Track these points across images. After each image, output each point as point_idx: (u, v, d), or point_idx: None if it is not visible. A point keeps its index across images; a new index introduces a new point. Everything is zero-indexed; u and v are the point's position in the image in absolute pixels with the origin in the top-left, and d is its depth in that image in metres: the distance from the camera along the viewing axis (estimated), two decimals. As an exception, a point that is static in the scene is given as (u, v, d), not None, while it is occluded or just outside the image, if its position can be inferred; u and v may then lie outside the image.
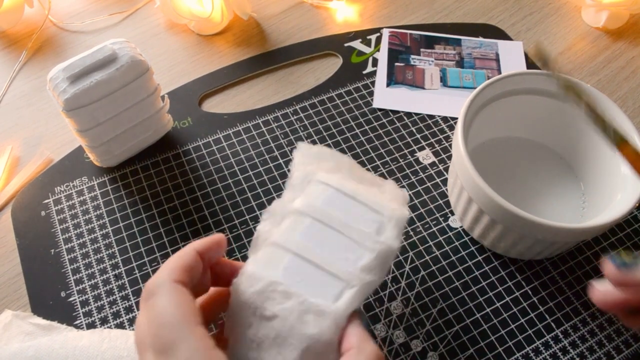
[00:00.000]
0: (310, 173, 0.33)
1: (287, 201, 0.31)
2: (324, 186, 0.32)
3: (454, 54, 0.53)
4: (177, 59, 0.53)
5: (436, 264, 0.40)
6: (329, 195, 0.31)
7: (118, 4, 0.58)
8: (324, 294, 0.28)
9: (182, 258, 0.27)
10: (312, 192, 0.32)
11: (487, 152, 0.44)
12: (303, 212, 0.30)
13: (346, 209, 0.31)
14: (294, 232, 0.30)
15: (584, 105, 0.30)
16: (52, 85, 0.38)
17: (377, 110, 0.49)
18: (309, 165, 0.33)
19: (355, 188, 0.32)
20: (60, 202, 0.43)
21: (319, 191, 0.31)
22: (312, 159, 0.34)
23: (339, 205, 0.31)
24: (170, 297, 0.25)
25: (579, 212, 0.41)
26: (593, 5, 0.56)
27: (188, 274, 0.27)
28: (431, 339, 0.37)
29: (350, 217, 0.30)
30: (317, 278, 0.28)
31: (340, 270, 0.28)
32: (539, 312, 0.38)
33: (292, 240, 0.30)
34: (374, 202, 0.31)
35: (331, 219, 0.30)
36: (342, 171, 0.33)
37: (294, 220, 0.30)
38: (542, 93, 0.41)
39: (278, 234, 0.30)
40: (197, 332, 0.24)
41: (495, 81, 0.39)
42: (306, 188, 0.32)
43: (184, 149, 0.46)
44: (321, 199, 0.31)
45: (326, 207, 0.31)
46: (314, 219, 0.30)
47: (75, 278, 0.39)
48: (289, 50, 0.53)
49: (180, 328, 0.24)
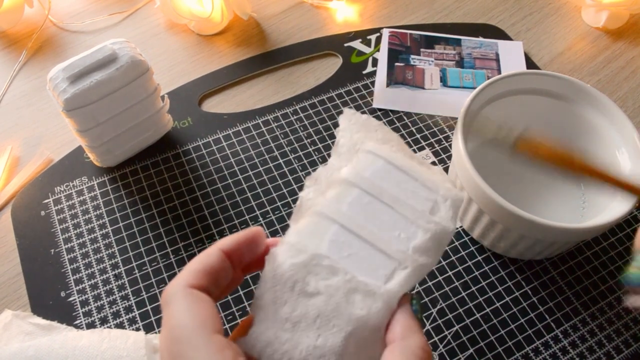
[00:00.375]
0: (358, 141, 0.30)
1: (333, 169, 0.29)
2: (374, 156, 0.29)
3: (454, 54, 0.53)
4: (177, 59, 0.53)
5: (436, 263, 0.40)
6: (379, 167, 0.29)
7: (118, 4, 0.58)
8: (374, 273, 0.25)
9: (204, 260, 0.25)
10: (361, 161, 0.29)
11: (487, 152, 0.44)
12: (351, 181, 0.28)
13: (397, 183, 0.28)
14: (341, 202, 0.27)
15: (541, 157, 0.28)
16: (52, 85, 0.38)
17: (377, 110, 0.49)
18: (355, 133, 0.31)
19: (407, 162, 0.29)
20: (60, 202, 0.43)
21: (368, 161, 0.29)
22: (359, 127, 0.31)
23: (390, 179, 0.28)
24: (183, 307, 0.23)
25: (579, 212, 0.41)
26: (593, 5, 0.56)
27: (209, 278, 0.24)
28: (431, 339, 0.37)
29: (402, 192, 0.28)
30: (366, 254, 0.26)
31: (392, 249, 0.26)
32: (539, 312, 0.38)
33: (338, 210, 0.27)
34: (427, 179, 0.29)
35: (381, 192, 0.28)
36: (393, 143, 0.31)
37: (340, 190, 0.28)
38: (542, 93, 0.41)
39: (323, 204, 0.27)
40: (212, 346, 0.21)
41: (495, 81, 0.39)
42: (354, 157, 0.29)
43: (184, 149, 0.46)
44: (370, 170, 0.28)
45: (376, 179, 0.28)
46: (362, 190, 0.28)
47: (75, 278, 0.39)
48: (289, 50, 0.53)
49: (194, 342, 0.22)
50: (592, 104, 0.40)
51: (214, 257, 0.25)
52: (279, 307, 0.25)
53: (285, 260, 0.25)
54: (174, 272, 0.39)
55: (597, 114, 0.40)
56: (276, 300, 0.25)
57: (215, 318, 0.23)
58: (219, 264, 0.25)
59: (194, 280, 0.24)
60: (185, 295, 0.23)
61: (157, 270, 0.39)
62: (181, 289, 0.23)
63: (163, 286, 0.39)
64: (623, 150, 0.38)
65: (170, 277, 0.39)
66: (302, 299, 0.25)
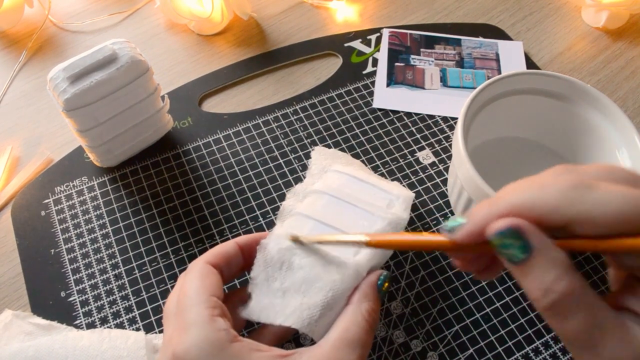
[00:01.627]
0: (326, 165, 0.38)
1: (308, 184, 0.36)
2: (340, 174, 0.37)
3: (454, 54, 0.53)
4: (177, 59, 0.53)
5: (436, 264, 0.40)
6: (344, 180, 0.36)
7: (118, 4, 0.58)
8: (345, 250, 0.32)
9: (222, 247, 0.32)
10: (329, 177, 0.37)
11: (487, 152, 0.44)
12: (322, 191, 0.35)
13: (359, 189, 0.36)
14: (316, 205, 0.35)
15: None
16: (52, 85, 0.38)
17: (377, 110, 0.49)
18: (324, 160, 0.39)
19: (367, 176, 0.37)
20: (60, 202, 0.43)
21: (335, 177, 0.37)
22: (328, 156, 0.39)
23: (353, 187, 0.36)
24: (197, 274, 0.29)
25: (579, 212, 0.41)
26: (593, 5, 0.56)
27: (224, 260, 0.31)
28: (431, 339, 0.37)
29: (364, 195, 0.35)
30: None
31: (357, 232, 0.32)
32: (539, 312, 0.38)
33: (314, 210, 0.34)
34: (384, 186, 0.36)
35: (347, 196, 0.35)
36: (354, 166, 0.39)
37: (314, 197, 0.35)
38: (542, 93, 0.41)
39: (301, 207, 0.35)
40: (207, 302, 0.27)
41: (495, 81, 0.39)
42: (324, 175, 0.37)
43: (184, 149, 0.46)
44: (337, 182, 0.36)
45: (342, 187, 0.36)
46: (331, 196, 0.35)
47: (75, 278, 0.39)
48: (289, 50, 0.53)
49: (195, 296, 0.28)
50: (592, 104, 0.40)
51: (230, 246, 0.32)
52: (271, 282, 0.31)
53: (274, 247, 0.31)
54: (174, 272, 0.39)
55: (597, 114, 0.40)
56: (268, 278, 0.31)
57: (217, 286, 0.29)
58: (232, 251, 0.32)
59: (211, 259, 0.31)
60: (201, 267, 0.30)
61: (157, 270, 0.39)
62: (200, 263, 0.30)
63: (163, 286, 0.39)
64: (623, 150, 0.38)
65: (171, 277, 0.39)
66: (289, 273, 0.31)
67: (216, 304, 0.28)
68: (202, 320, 0.26)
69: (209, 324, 0.26)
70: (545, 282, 0.21)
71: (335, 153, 0.40)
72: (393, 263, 0.40)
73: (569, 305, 0.21)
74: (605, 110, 0.39)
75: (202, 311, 0.27)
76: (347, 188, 0.36)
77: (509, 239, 0.22)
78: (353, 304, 0.29)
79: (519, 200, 0.22)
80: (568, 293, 0.21)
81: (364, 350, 0.28)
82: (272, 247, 0.31)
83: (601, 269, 0.40)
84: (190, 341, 0.26)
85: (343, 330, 0.28)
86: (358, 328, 0.28)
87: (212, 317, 0.27)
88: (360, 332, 0.28)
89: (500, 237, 0.22)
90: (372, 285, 0.30)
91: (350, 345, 0.27)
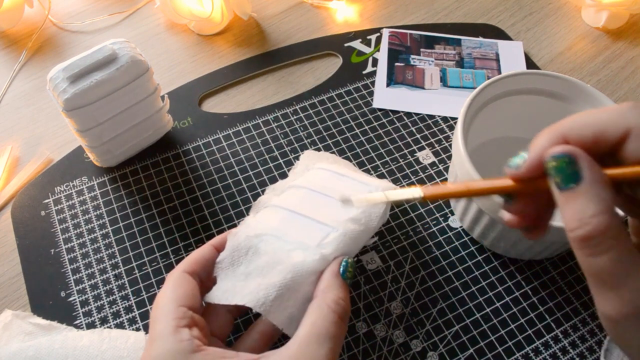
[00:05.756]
0: (310, 163, 0.38)
1: (289, 181, 0.36)
2: (322, 170, 0.36)
3: (454, 54, 0.53)
4: (177, 59, 0.53)
5: (436, 264, 0.40)
6: (325, 175, 0.36)
7: (118, 4, 0.58)
8: (313, 236, 0.32)
9: (198, 251, 0.32)
10: (311, 174, 0.36)
11: (487, 152, 0.44)
12: (301, 185, 0.35)
13: (339, 182, 0.35)
14: (291, 198, 0.34)
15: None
16: (52, 85, 0.38)
17: (377, 110, 0.49)
18: (310, 159, 0.38)
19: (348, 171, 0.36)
20: (60, 202, 0.43)
21: (317, 173, 0.36)
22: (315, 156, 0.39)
23: (333, 181, 0.35)
24: (171, 284, 0.30)
25: (579, 212, 0.41)
26: (593, 5, 0.56)
27: (200, 265, 0.31)
28: (431, 339, 0.37)
29: (342, 187, 0.35)
30: (308, 226, 0.32)
31: (329, 220, 0.32)
32: (539, 312, 0.38)
33: (289, 202, 0.34)
34: (364, 179, 0.35)
35: (324, 188, 0.34)
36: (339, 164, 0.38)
37: (292, 192, 0.35)
38: (542, 93, 0.41)
39: (277, 200, 0.34)
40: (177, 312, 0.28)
41: (495, 81, 0.39)
42: (306, 173, 0.37)
43: (184, 149, 0.46)
44: (318, 177, 0.36)
45: (321, 181, 0.35)
46: (309, 190, 0.34)
47: (75, 278, 0.39)
48: (289, 50, 0.53)
49: (165, 307, 0.28)
50: (592, 104, 0.40)
51: (206, 250, 0.32)
52: (236, 267, 0.31)
53: (242, 234, 0.32)
54: (174, 272, 0.39)
55: (597, 114, 0.40)
56: (233, 262, 0.31)
57: (190, 295, 0.29)
58: (209, 254, 0.32)
59: (188, 267, 0.31)
60: (176, 277, 0.30)
61: (157, 270, 0.39)
62: (176, 272, 0.31)
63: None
64: (623, 150, 0.38)
65: (170, 277, 0.39)
66: (254, 258, 0.31)
67: (184, 314, 0.28)
68: (167, 332, 0.27)
69: (172, 335, 0.27)
70: (585, 213, 0.21)
71: (324, 154, 0.40)
72: (393, 263, 0.40)
73: (602, 241, 0.21)
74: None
75: (168, 322, 0.27)
76: (326, 182, 0.35)
77: (562, 164, 0.22)
78: (318, 297, 0.29)
79: (576, 123, 0.23)
80: (604, 229, 0.21)
81: (335, 343, 0.27)
82: (240, 234, 0.32)
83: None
84: (155, 354, 0.27)
85: (310, 326, 0.27)
86: (325, 321, 0.27)
87: (176, 329, 0.27)
88: (327, 324, 0.27)
89: (555, 160, 0.22)
90: (334, 273, 0.30)
91: (318, 341, 0.27)
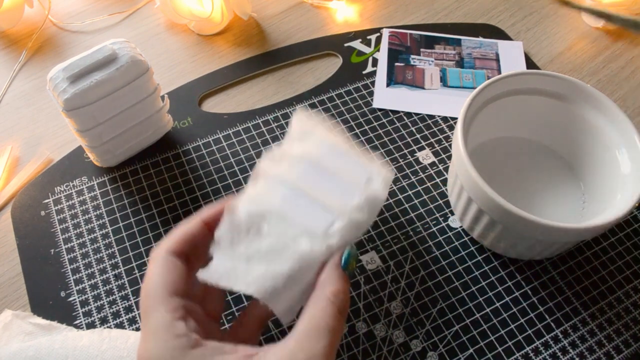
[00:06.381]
0: (308, 130, 0.35)
1: (287, 148, 0.34)
2: (321, 141, 0.35)
3: (454, 54, 0.53)
4: (177, 59, 0.53)
5: (436, 264, 0.40)
6: (324, 149, 0.34)
7: (118, 4, 0.58)
8: (318, 222, 0.30)
9: (185, 228, 0.30)
10: (310, 144, 0.34)
11: (487, 152, 0.44)
12: (301, 157, 0.33)
13: (340, 161, 0.34)
14: (293, 170, 0.32)
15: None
16: (52, 85, 0.38)
17: (377, 110, 0.49)
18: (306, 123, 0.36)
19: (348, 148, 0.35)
20: (60, 202, 0.43)
21: (316, 144, 0.34)
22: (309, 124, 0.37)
23: (333, 158, 0.34)
24: (157, 268, 0.28)
25: (579, 212, 0.41)
26: (593, 5, 0.56)
27: (188, 244, 0.29)
28: (431, 338, 0.37)
29: (344, 168, 0.33)
30: (312, 208, 0.31)
31: (333, 206, 0.31)
32: (539, 312, 0.38)
33: (290, 175, 0.32)
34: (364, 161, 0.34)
35: (326, 166, 0.33)
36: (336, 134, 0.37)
37: (292, 162, 0.33)
38: (542, 93, 0.41)
39: (278, 170, 0.32)
40: (170, 303, 0.27)
41: (495, 81, 0.39)
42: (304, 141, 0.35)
43: (183, 149, 0.46)
44: (318, 150, 0.34)
45: (322, 156, 0.33)
46: (310, 163, 0.33)
47: (75, 278, 0.39)
48: (289, 50, 0.53)
49: (155, 297, 0.27)
50: (592, 104, 0.40)
51: (194, 226, 0.30)
52: (235, 246, 0.29)
53: (243, 209, 0.30)
54: (174, 272, 0.39)
55: (597, 114, 0.40)
56: (233, 240, 0.29)
57: (179, 282, 0.28)
58: (197, 232, 0.30)
59: (174, 247, 0.29)
60: (162, 259, 0.28)
61: (157, 270, 0.39)
62: (162, 254, 0.28)
63: (163, 286, 0.39)
64: (623, 150, 0.38)
65: (170, 277, 0.39)
66: (256, 239, 0.29)
67: (178, 304, 0.27)
68: (163, 326, 0.26)
69: (169, 330, 0.26)
70: None
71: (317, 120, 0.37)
72: (393, 263, 0.40)
73: None
74: (605, 111, 0.39)
75: (162, 315, 0.26)
76: (327, 157, 0.34)
77: None
78: (318, 289, 0.28)
79: None
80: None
81: (334, 337, 0.27)
82: (241, 210, 0.30)
83: (601, 270, 0.40)
84: (151, 351, 0.26)
85: (308, 319, 0.27)
86: (323, 314, 0.27)
87: (171, 322, 0.26)
88: (326, 318, 0.27)
89: None
90: (335, 266, 0.29)
91: (316, 335, 0.26)
